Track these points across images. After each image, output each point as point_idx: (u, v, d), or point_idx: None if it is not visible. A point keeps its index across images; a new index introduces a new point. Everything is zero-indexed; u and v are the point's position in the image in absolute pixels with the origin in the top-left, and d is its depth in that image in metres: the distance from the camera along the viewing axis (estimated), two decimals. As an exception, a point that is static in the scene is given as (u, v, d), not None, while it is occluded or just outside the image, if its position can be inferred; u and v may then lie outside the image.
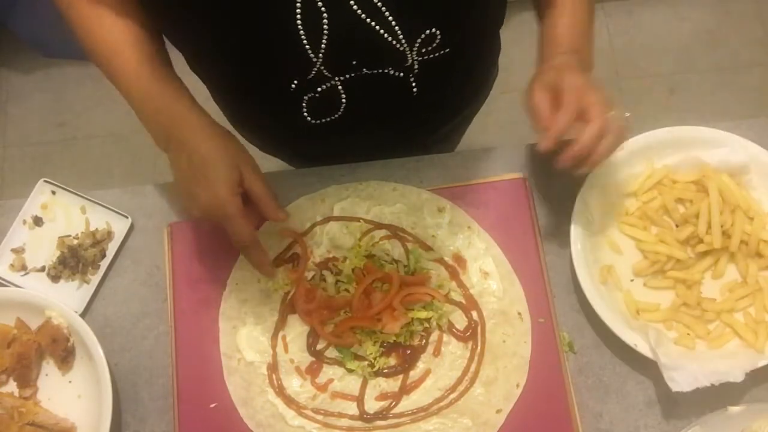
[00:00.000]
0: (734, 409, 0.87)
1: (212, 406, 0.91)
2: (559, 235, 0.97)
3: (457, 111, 1.09)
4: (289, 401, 0.91)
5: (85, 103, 2.19)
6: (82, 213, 1.01)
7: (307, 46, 0.76)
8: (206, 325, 0.94)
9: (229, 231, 0.84)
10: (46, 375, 0.94)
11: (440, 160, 1.02)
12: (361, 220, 0.98)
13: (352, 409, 0.91)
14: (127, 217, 1.00)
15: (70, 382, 0.94)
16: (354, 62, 0.81)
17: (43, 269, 0.99)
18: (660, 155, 0.98)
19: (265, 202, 0.86)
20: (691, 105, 2.16)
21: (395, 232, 0.97)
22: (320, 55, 0.78)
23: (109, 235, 0.99)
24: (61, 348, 0.92)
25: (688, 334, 0.91)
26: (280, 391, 0.92)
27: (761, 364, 0.87)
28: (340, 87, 0.85)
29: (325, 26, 0.74)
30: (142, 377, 0.94)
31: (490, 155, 1.03)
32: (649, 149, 0.98)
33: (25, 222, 1.00)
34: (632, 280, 0.95)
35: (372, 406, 0.91)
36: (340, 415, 0.90)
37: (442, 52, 0.83)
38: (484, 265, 0.96)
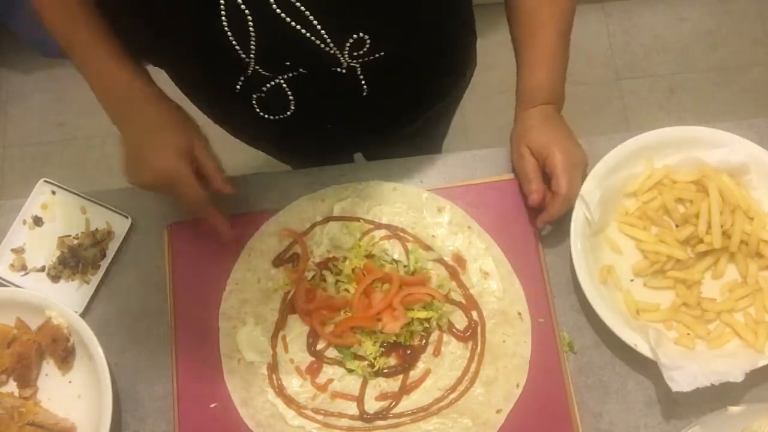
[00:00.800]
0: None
1: (212, 406, 0.91)
2: (559, 235, 0.97)
3: (422, 108, 1.07)
4: (289, 401, 0.91)
5: (85, 103, 2.16)
6: (82, 213, 1.01)
7: (237, 47, 0.78)
8: (206, 325, 0.94)
9: (179, 195, 0.86)
10: (46, 375, 0.94)
11: (440, 160, 1.03)
12: (361, 220, 0.98)
13: (352, 409, 0.91)
14: (127, 217, 1.00)
15: (70, 382, 0.94)
16: (287, 63, 0.82)
17: (43, 269, 0.99)
18: (660, 155, 0.98)
19: (212, 171, 0.88)
20: (691, 105, 2.16)
21: (395, 232, 0.97)
22: (252, 55, 0.79)
23: (109, 235, 0.99)
24: (61, 348, 0.92)
25: (688, 334, 0.91)
26: (280, 391, 0.92)
27: (761, 364, 0.87)
28: (284, 85, 0.86)
29: (251, 28, 0.75)
30: (142, 377, 0.94)
31: (490, 155, 1.03)
32: (649, 149, 0.98)
33: (25, 222, 1.00)
34: (632, 280, 0.95)
35: (372, 406, 0.91)
36: (340, 415, 0.90)
37: (376, 55, 0.83)
38: (484, 265, 0.96)
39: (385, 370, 0.92)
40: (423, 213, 0.98)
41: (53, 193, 1.02)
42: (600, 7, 2.22)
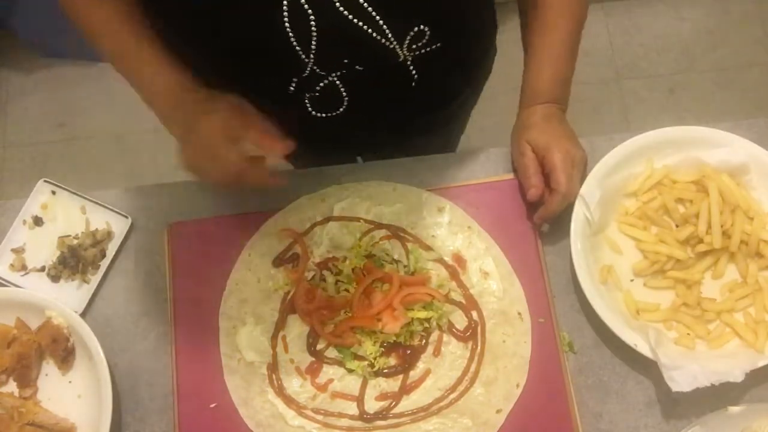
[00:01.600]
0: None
1: (212, 406, 0.91)
2: (559, 235, 0.97)
3: (456, 92, 1.08)
4: (289, 401, 0.91)
5: (85, 103, 2.19)
6: (82, 213, 1.01)
7: (298, 48, 0.78)
8: (206, 325, 0.94)
9: (252, 135, 0.82)
10: (46, 375, 0.94)
11: (440, 160, 1.03)
12: (361, 220, 0.98)
13: (352, 409, 0.91)
14: (127, 217, 1.00)
15: (70, 382, 0.94)
16: (345, 60, 0.83)
17: (43, 269, 0.99)
18: (660, 155, 0.98)
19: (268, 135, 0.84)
20: (691, 105, 2.16)
21: (395, 232, 0.97)
22: (311, 55, 0.80)
23: (109, 235, 0.99)
24: (61, 348, 0.92)
25: (688, 334, 0.91)
26: (280, 391, 0.92)
27: (761, 364, 0.87)
28: (338, 82, 0.87)
29: (312, 27, 0.76)
30: (142, 377, 0.94)
31: (490, 155, 1.03)
32: (649, 149, 0.98)
33: (25, 222, 1.00)
34: (632, 280, 0.95)
35: (372, 406, 0.91)
36: (340, 415, 0.90)
37: (433, 47, 0.84)
38: (484, 265, 0.96)
39: (385, 370, 0.92)
40: (423, 213, 0.98)
41: (53, 193, 1.02)
42: (600, 7, 2.22)
